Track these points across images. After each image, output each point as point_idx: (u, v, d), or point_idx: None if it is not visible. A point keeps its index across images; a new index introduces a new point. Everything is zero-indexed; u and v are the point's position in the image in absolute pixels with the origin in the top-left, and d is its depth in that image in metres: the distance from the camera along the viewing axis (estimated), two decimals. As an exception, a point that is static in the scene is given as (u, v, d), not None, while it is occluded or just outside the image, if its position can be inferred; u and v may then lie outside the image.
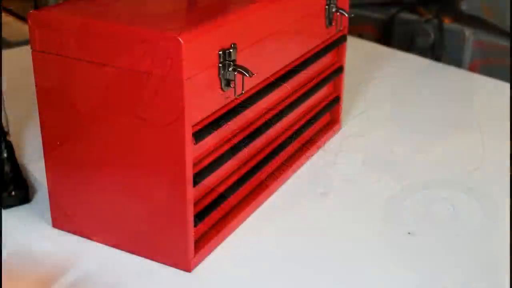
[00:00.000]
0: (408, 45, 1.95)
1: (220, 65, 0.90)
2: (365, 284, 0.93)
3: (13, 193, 1.08)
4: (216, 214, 1.00)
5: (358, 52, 1.73)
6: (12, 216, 1.05)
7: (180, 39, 0.82)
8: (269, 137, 1.10)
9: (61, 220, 1.02)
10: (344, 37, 1.27)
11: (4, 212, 1.06)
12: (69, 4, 0.95)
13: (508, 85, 1.61)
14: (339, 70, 1.30)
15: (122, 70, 0.87)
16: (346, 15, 1.24)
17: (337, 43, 1.25)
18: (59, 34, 0.90)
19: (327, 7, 1.20)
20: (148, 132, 0.88)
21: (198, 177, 0.92)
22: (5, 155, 1.11)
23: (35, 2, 2.15)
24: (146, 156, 0.90)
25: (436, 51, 1.98)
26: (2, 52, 1.11)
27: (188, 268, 0.94)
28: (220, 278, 0.94)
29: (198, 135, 0.89)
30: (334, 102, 1.31)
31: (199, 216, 0.94)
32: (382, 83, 1.60)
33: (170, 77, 0.84)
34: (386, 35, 2.10)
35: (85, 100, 0.91)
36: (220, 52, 0.89)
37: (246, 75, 0.92)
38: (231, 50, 0.90)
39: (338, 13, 1.23)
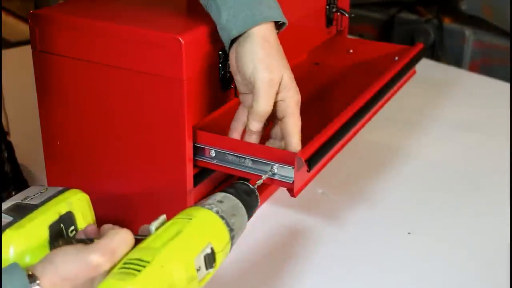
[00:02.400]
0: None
1: (220, 65, 0.90)
2: (364, 284, 0.93)
3: (13, 193, 1.08)
4: (216, 214, 1.00)
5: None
6: (12, 216, 1.05)
7: (180, 39, 0.82)
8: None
9: (61, 220, 1.01)
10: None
11: (4, 212, 1.06)
12: (69, 4, 0.95)
13: (508, 85, 1.61)
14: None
15: (122, 70, 0.87)
16: (346, 15, 1.24)
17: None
18: (59, 34, 0.90)
19: (327, 7, 1.20)
20: (148, 132, 0.88)
21: (198, 178, 0.92)
22: (5, 155, 1.11)
23: (35, 2, 2.15)
24: (146, 156, 0.90)
25: (436, 51, 1.98)
26: (2, 52, 1.12)
27: (188, 268, 0.94)
28: (219, 278, 0.94)
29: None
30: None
31: (199, 216, 0.94)
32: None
33: (170, 77, 0.84)
34: (386, 35, 2.11)
35: (85, 100, 0.91)
36: (221, 52, 0.89)
37: (246, 75, 0.91)
38: (231, 50, 0.90)
39: (338, 13, 1.23)
